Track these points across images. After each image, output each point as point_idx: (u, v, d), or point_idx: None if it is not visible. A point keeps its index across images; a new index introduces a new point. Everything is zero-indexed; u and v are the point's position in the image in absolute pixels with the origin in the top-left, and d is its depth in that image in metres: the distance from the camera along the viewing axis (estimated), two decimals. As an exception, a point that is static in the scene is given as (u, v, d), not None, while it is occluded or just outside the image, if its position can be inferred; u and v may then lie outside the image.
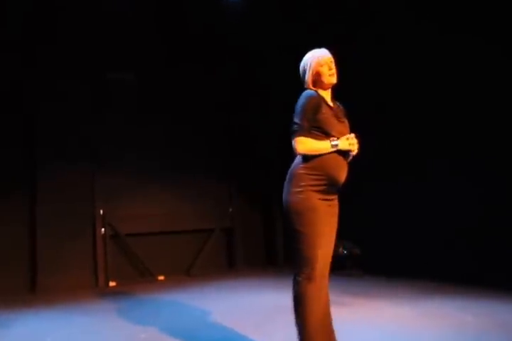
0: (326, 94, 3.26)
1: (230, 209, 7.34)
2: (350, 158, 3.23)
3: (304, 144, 3.10)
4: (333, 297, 5.06)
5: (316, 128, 3.12)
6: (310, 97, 3.17)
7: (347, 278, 6.37)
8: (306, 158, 3.12)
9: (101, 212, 6.22)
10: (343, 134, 3.15)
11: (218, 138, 7.26)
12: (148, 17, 6.58)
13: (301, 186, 3.08)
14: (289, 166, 3.22)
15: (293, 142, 3.12)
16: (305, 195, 3.06)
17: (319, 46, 3.33)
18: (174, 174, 6.83)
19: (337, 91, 3.32)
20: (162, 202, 6.70)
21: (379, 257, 6.43)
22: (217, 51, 7.09)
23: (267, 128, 7.36)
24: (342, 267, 6.68)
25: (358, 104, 6.72)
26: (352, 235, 6.82)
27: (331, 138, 3.10)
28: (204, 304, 5.07)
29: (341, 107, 3.38)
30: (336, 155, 3.11)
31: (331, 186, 3.13)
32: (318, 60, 3.23)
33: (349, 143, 3.11)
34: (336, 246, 6.56)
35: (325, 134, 3.12)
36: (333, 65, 3.24)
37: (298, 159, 3.18)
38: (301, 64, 3.32)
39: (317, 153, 3.09)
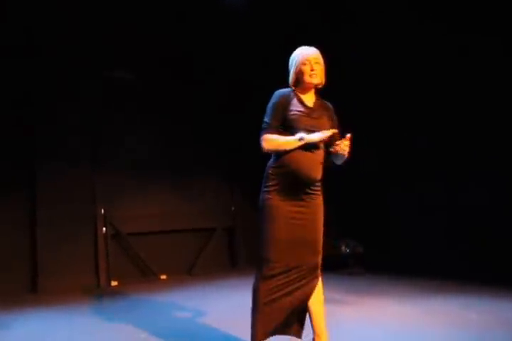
0: (307, 94, 3.22)
1: (232, 208, 7.33)
2: (341, 157, 3.13)
3: (269, 141, 3.10)
4: (336, 295, 5.16)
5: (284, 127, 3.10)
6: (279, 96, 3.18)
7: (350, 277, 6.36)
8: (276, 158, 3.11)
9: (102, 211, 6.19)
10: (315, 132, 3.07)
11: (220, 137, 7.24)
12: (152, 15, 6.55)
13: (267, 186, 3.11)
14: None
15: (260, 140, 3.12)
16: (269, 194, 3.08)
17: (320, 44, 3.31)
18: (176, 173, 6.81)
19: (346, 91, 3.30)
20: (164, 202, 6.68)
21: (382, 255, 6.42)
22: (218, 51, 7.05)
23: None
24: (345, 265, 6.69)
25: (368, 107, 6.80)
26: (355, 233, 6.84)
27: (299, 133, 3.05)
28: (206, 303, 5.06)
29: (327, 107, 3.29)
30: (303, 152, 3.05)
31: (297, 185, 3.07)
32: (302, 58, 3.18)
33: (323, 135, 3.01)
34: (339, 245, 6.68)
35: (295, 132, 3.07)
36: (317, 65, 3.18)
37: (271, 159, 3.17)
38: (289, 64, 3.28)
39: (282, 148, 3.06)
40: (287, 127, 3.10)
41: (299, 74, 3.17)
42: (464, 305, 4.62)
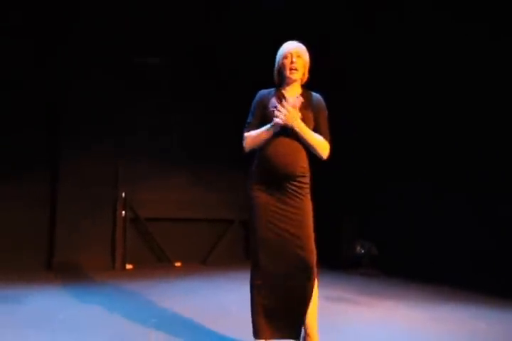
0: (291, 88, 3.14)
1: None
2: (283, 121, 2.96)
3: (247, 137, 3.12)
4: (347, 295, 5.18)
5: (264, 125, 3.06)
6: (258, 95, 3.19)
7: (362, 278, 6.39)
8: (256, 155, 3.11)
9: (123, 195, 6.28)
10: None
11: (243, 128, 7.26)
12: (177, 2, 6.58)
13: (250, 184, 3.11)
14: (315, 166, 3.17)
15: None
16: (253, 192, 3.06)
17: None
18: (198, 163, 6.86)
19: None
20: (185, 189, 6.73)
21: (397, 258, 6.43)
22: (243, 39, 7.03)
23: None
24: (358, 266, 6.74)
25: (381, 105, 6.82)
26: (371, 235, 6.85)
27: None
28: (217, 293, 5.13)
29: (312, 99, 3.15)
30: (277, 144, 3.00)
31: (277, 181, 3.00)
32: (283, 52, 3.12)
33: (282, 117, 2.94)
34: (354, 245, 6.70)
35: None
36: (298, 59, 3.09)
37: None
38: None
39: (259, 139, 3.04)
40: (265, 123, 3.05)
41: (281, 68, 3.12)
42: (474, 314, 4.60)
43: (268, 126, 3.01)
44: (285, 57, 3.09)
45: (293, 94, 3.11)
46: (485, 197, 5.81)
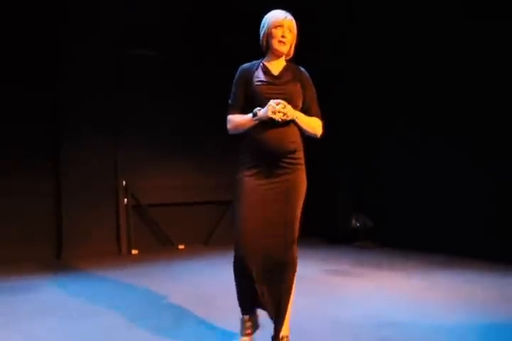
0: (275, 61, 2.96)
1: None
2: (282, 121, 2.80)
3: (230, 122, 2.97)
4: (344, 267, 5.35)
5: (250, 102, 2.89)
6: (240, 71, 2.99)
7: (359, 250, 6.54)
8: (243, 136, 2.94)
9: (123, 183, 6.40)
10: (285, 100, 2.82)
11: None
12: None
13: (239, 164, 2.97)
14: (308, 140, 3.06)
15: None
16: (241, 173, 2.92)
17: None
18: (195, 147, 6.92)
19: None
20: (183, 175, 6.83)
21: (392, 230, 6.56)
22: (238, 25, 7.08)
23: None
24: (354, 239, 6.90)
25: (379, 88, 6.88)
26: (365, 208, 7.01)
27: (255, 108, 2.83)
28: (221, 272, 5.26)
29: (297, 72, 2.99)
30: (263, 127, 2.82)
31: (268, 159, 2.86)
32: (275, 21, 2.88)
33: (271, 111, 2.74)
34: (349, 219, 6.87)
35: (260, 105, 2.83)
36: (289, 34, 2.90)
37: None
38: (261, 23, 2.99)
39: (243, 127, 2.90)
40: (251, 100, 2.88)
41: (268, 37, 2.90)
42: (470, 280, 4.77)
43: (249, 117, 2.85)
44: (276, 26, 2.87)
45: (277, 66, 2.95)
46: (482, 163, 5.87)
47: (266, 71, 2.91)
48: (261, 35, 2.95)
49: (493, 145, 5.81)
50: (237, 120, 2.92)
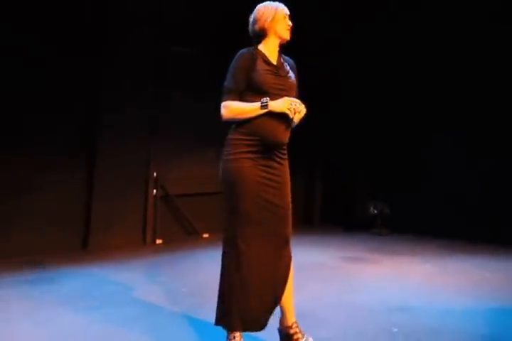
0: (273, 51, 2.93)
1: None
2: (293, 124, 2.82)
3: (229, 108, 2.81)
4: (362, 254, 5.56)
5: (250, 89, 2.80)
6: (241, 55, 2.85)
7: (376, 237, 6.72)
8: (241, 123, 2.80)
9: (154, 174, 6.58)
10: (285, 91, 2.81)
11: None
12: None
13: (234, 154, 2.79)
14: (329, 127, 3.02)
15: (220, 107, 2.85)
16: (238, 163, 2.77)
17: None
18: (222, 139, 7.05)
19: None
20: (210, 165, 6.78)
21: (407, 217, 6.74)
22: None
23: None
24: (371, 226, 7.10)
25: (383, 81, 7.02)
26: (382, 195, 7.20)
27: (263, 99, 2.75)
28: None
29: (291, 64, 3.02)
30: (271, 117, 2.75)
31: (267, 152, 2.79)
32: (282, 11, 2.91)
33: (288, 107, 2.72)
34: (367, 206, 7.05)
35: (261, 94, 2.77)
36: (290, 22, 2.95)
37: (231, 125, 2.87)
38: (257, 11, 2.95)
39: (244, 116, 2.77)
40: (254, 89, 2.80)
41: (278, 26, 2.89)
42: (479, 264, 4.99)
43: (257, 106, 2.75)
44: (284, 16, 2.91)
45: (274, 56, 2.92)
46: (496, 153, 6.06)
47: (266, 60, 2.86)
48: (261, 24, 2.90)
49: (502, 135, 5.96)
50: (239, 107, 2.78)
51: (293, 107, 2.72)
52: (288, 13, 2.94)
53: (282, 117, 2.75)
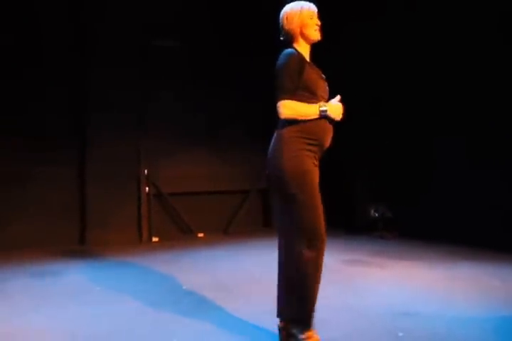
0: (306, 52, 2.98)
1: (266, 172, 7.47)
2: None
3: (291, 109, 2.83)
4: (364, 257, 5.36)
5: (302, 89, 2.85)
6: (292, 56, 2.85)
7: (378, 240, 6.57)
8: (296, 122, 2.85)
9: (145, 172, 6.48)
10: (326, 94, 2.97)
11: (258, 104, 7.34)
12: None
13: (295, 150, 2.83)
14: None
15: (278, 106, 2.84)
16: (300, 159, 2.83)
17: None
18: (216, 137, 7.01)
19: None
20: (203, 165, 6.90)
21: (413, 220, 6.55)
22: (262, 17, 7.08)
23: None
24: (373, 229, 6.94)
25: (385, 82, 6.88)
26: (384, 198, 7.01)
27: (320, 103, 2.86)
28: (240, 259, 5.36)
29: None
30: (326, 121, 2.89)
31: (320, 151, 2.93)
32: (308, 12, 2.94)
33: (340, 116, 2.93)
34: (368, 209, 6.89)
35: (312, 94, 2.87)
36: (318, 21, 2.97)
37: (284, 122, 2.90)
38: (284, 15, 2.98)
39: (303, 118, 2.84)
40: (306, 90, 2.86)
41: (305, 28, 2.92)
42: (490, 272, 4.76)
43: (316, 111, 2.85)
44: (310, 17, 2.93)
45: (307, 58, 2.97)
46: (502, 154, 5.86)
47: (309, 63, 2.93)
48: (289, 27, 2.94)
49: (508, 137, 5.79)
50: (302, 110, 2.84)
51: (340, 112, 2.93)
52: (315, 10, 2.97)
53: (332, 121, 2.93)
